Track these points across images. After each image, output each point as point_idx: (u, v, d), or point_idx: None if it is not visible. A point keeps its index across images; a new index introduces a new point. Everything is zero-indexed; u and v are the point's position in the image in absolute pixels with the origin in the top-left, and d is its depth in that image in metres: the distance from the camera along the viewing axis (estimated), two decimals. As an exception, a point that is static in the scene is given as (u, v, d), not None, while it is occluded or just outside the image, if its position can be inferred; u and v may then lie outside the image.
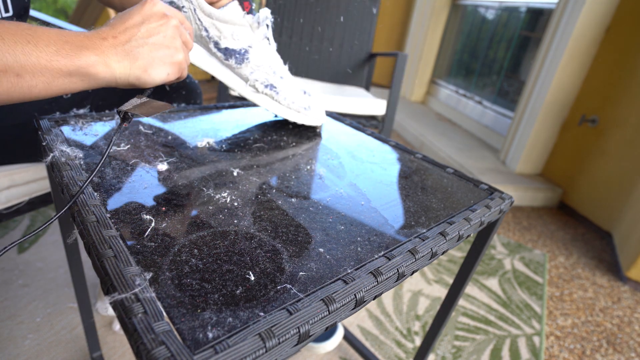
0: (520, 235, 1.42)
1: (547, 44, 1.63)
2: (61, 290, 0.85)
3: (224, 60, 0.46)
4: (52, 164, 0.35)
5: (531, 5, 2.02)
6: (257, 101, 0.50)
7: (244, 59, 0.47)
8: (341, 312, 0.24)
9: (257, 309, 0.22)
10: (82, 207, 0.28)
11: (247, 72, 0.48)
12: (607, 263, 1.32)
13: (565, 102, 1.64)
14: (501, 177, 1.69)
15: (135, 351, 0.19)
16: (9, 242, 0.97)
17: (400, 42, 3.21)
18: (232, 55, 0.46)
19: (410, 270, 0.29)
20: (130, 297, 0.21)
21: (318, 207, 0.35)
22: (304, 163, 0.45)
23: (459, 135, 2.27)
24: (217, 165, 0.41)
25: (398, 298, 0.99)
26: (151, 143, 0.43)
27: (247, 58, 0.47)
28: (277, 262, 0.27)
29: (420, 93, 3.00)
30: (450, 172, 0.49)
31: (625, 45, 1.45)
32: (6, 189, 0.55)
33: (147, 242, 0.27)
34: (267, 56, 0.50)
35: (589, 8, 1.46)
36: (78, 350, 0.73)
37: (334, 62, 1.56)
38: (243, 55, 0.47)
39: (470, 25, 2.58)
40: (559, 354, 0.90)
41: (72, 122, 0.45)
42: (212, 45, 0.45)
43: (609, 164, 1.48)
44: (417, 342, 0.87)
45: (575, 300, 1.10)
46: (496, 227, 0.44)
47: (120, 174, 0.35)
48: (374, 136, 0.58)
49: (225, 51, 0.46)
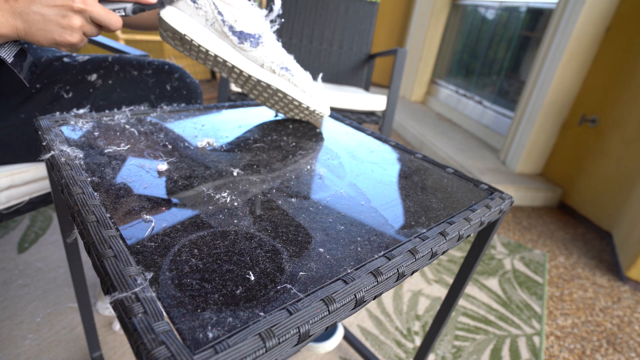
0: (520, 235, 1.42)
1: (547, 44, 1.63)
2: (61, 290, 0.85)
3: (237, 44, 0.47)
4: (52, 164, 0.35)
5: (531, 5, 2.02)
6: (274, 83, 0.51)
7: (258, 42, 0.48)
8: (341, 312, 0.24)
9: (257, 309, 0.22)
10: (82, 207, 0.28)
11: (263, 55, 0.49)
12: (607, 263, 1.32)
13: (565, 102, 1.64)
14: (501, 177, 1.69)
15: (135, 351, 0.19)
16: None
17: (400, 42, 3.21)
18: (247, 39, 0.47)
19: (410, 270, 0.29)
20: (130, 297, 0.21)
21: (318, 207, 0.35)
22: (304, 163, 0.45)
23: (459, 135, 2.27)
24: (217, 165, 0.41)
25: (398, 298, 0.99)
26: (151, 143, 0.43)
27: (262, 42, 0.48)
28: (277, 262, 0.27)
29: (420, 93, 3.00)
30: (450, 172, 0.49)
31: (625, 45, 1.45)
32: (6, 189, 0.55)
33: (147, 242, 0.27)
34: (278, 43, 0.52)
35: (589, 8, 1.46)
36: (78, 350, 0.73)
37: (333, 63, 1.56)
38: (257, 40, 0.48)
39: (470, 25, 2.58)
40: (559, 354, 0.90)
41: (72, 122, 0.45)
42: (227, 29, 0.46)
43: (609, 164, 1.48)
44: (417, 342, 0.87)
45: (575, 300, 1.10)
46: (496, 227, 0.44)
47: (121, 174, 0.35)
48: (374, 136, 0.58)
49: (240, 34, 0.47)
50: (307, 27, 1.51)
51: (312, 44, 1.53)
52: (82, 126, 0.45)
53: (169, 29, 0.47)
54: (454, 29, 2.76)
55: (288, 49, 1.51)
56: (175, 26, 0.45)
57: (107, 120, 0.48)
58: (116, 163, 0.37)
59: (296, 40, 1.51)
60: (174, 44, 0.50)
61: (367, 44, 1.56)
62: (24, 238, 1.00)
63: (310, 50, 1.53)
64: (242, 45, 0.47)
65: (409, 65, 2.96)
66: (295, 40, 1.51)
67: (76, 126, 0.44)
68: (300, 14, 1.49)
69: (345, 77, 1.59)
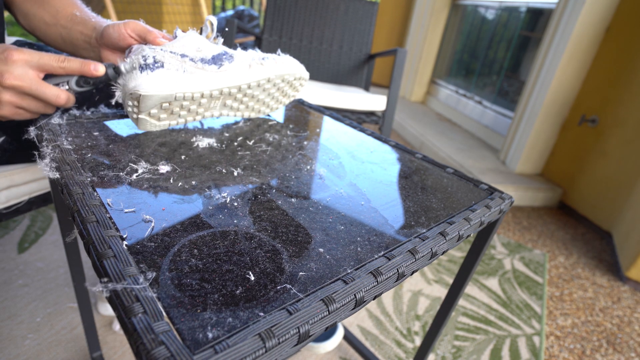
0: (520, 235, 1.42)
1: (547, 44, 1.63)
2: (61, 290, 0.85)
3: (218, 70, 0.46)
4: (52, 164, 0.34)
5: (531, 5, 2.02)
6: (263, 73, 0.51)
7: (231, 56, 0.48)
8: (341, 312, 0.24)
9: (257, 309, 0.22)
10: (82, 207, 0.28)
11: (241, 62, 0.49)
12: (607, 263, 1.32)
13: (565, 102, 1.64)
14: (501, 177, 1.69)
15: (135, 351, 0.19)
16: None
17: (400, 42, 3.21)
18: (221, 58, 0.47)
19: (410, 270, 0.29)
20: (130, 297, 0.21)
21: (318, 207, 0.35)
22: (304, 163, 0.45)
23: (459, 135, 2.27)
24: (217, 165, 0.41)
25: (398, 298, 0.99)
26: (151, 143, 0.43)
27: (232, 55, 0.48)
28: (277, 262, 0.27)
29: (420, 93, 3.00)
30: (450, 172, 0.49)
31: (625, 45, 1.45)
32: (6, 189, 0.55)
33: (147, 242, 0.27)
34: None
35: (589, 8, 1.46)
36: (78, 350, 0.73)
37: (333, 63, 1.56)
38: (228, 54, 0.48)
39: (470, 25, 2.58)
40: (559, 353, 0.90)
41: (73, 122, 0.45)
42: (200, 63, 0.45)
43: (609, 164, 1.48)
44: (417, 342, 0.87)
45: (575, 300, 1.10)
46: (496, 227, 0.44)
47: (120, 174, 0.35)
48: (374, 136, 0.58)
49: (213, 59, 0.46)
50: (307, 27, 1.51)
51: (312, 44, 1.53)
52: (82, 126, 0.45)
53: (154, 102, 0.42)
54: (454, 29, 2.76)
55: (288, 49, 1.51)
56: (163, 92, 0.42)
57: (108, 120, 0.48)
58: (117, 163, 0.37)
59: (296, 40, 1.51)
60: (155, 122, 0.46)
61: (367, 44, 1.56)
62: (24, 238, 1.00)
63: (310, 50, 1.53)
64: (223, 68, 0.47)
65: (409, 65, 2.96)
66: (295, 40, 1.51)
67: (77, 126, 0.44)
68: (300, 14, 1.49)
69: (345, 77, 1.59)
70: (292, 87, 0.58)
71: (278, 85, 0.55)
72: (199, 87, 0.45)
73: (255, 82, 0.50)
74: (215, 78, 0.46)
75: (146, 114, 0.43)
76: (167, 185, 0.35)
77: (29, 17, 0.53)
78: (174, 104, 0.44)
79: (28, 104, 0.42)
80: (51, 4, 0.52)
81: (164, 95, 0.42)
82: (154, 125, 0.46)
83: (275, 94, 0.56)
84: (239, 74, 0.48)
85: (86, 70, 0.43)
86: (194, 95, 0.44)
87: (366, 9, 1.52)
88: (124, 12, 2.59)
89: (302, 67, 0.57)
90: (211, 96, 0.46)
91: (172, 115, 0.46)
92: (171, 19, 2.76)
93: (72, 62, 0.42)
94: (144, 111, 0.43)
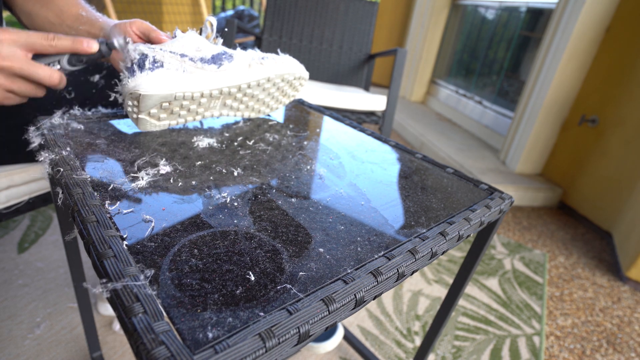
0: (520, 235, 1.42)
1: (547, 44, 1.63)
2: (61, 290, 0.85)
3: (217, 70, 0.46)
4: (52, 164, 0.35)
5: (531, 5, 2.02)
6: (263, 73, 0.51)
7: (230, 55, 0.48)
8: (341, 312, 0.24)
9: (257, 309, 0.22)
10: (82, 207, 0.28)
11: (241, 62, 0.49)
12: (607, 263, 1.32)
13: (565, 102, 1.64)
14: (501, 177, 1.69)
15: (135, 351, 0.19)
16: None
17: (400, 42, 3.21)
18: (220, 58, 0.47)
19: (410, 270, 0.29)
20: (130, 297, 0.21)
21: (318, 207, 0.35)
22: (304, 163, 0.45)
23: (459, 135, 2.27)
24: (217, 165, 0.41)
25: (398, 298, 0.99)
26: (151, 143, 0.43)
27: (231, 55, 0.48)
28: (277, 262, 0.27)
29: (420, 93, 3.00)
30: (450, 172, 0.49)
31: (625, 45, 1.45)
32: (6, 189, 0.55)
33: (147, 242, 0.27)
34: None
35: (589, 8, 1.46)
36: (78, 350, 0.73)
37: (333, 63, 1.56)
38: (227, 54, 0.48)
39: (470, 25, 2.58)
40: (559, 354, 0.90)
41: (74, 122, 0.45)
42: (200, 63, 0.45)
43: (609, 164, 1.48)
44: (417, 342, 0.87)
45: (575, 300, 1.10)
46: (496, 227, 0.44)
47: (120, 174, 0.35)
48: (374, 136, 0.58)
49: (212, 59, 0.46)
50: (307, 27, 1.51)
51: (312, 44, 1.53)
52: (83, 126, 0.45)
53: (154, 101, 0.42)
54: (454, 29, 2.76)
55: (288, 49, 1.51)
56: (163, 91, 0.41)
57: (108, 120, 0.48)
58: (117, 163, 0.37)
59: (296, 40, 1.51)
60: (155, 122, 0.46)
61: (367, 44, 1.56)
62: (24, 238, 1.00)
63: (310, 50, 1.53)
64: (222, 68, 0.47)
65: (409, 65, 2.96)
66: (295, 40, 1.51)
67: (77, 126, 0.44)
68: (300, 14, 1.49)
69: (345, 77, 1.59)
70: (292, 86, 0.58)
71: (278, 85, 0.55)
72: (198, 86, 0.45)
73: (255, 81, 0.50)
74: (215, 78, 0.46)
75: (146, 114, 0.43)
76: (167, 185, 0.35)
77: (32, 16, 0.53)
78: (173, 104, 0.44)
79: (19, 86, 0.40)
80: (55, 3, 0.52)
81: (164, 95, 0.42)
82: (154, 125, 0.45)
83: (275, 93, 0.56)
84: (238, 73, 0.48)
85: (79, 47, 0.41)
86: (194, 94, 0.44)
87: (366, 9, 1.52)
88: (124, 12, 2.59)
89: (302, 67, 0.57)
90: (211, 96, 0.46)
91: (172, 115, 0.46)
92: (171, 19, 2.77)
93: (63, 40, 0.40)
94: (143, 111, 0.43)
